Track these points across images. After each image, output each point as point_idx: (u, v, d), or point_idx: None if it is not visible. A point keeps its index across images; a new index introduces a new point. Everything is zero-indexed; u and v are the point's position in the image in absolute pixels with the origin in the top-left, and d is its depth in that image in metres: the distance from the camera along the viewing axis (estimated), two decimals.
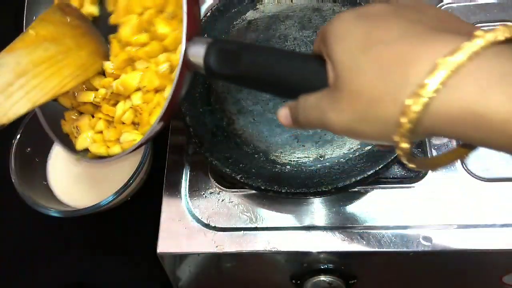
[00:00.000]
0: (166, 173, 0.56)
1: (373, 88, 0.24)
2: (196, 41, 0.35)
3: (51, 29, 0.41)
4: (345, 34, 0.26)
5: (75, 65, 0.41)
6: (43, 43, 0.40)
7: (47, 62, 0.40)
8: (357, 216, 0.51)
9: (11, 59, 0.38)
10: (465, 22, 0.25)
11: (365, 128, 0.25)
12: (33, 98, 0.38)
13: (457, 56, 0.21)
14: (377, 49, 0.24)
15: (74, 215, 0.57)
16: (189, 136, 0.52)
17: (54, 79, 0.40)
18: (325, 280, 0.52)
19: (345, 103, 0.26)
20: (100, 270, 0.62)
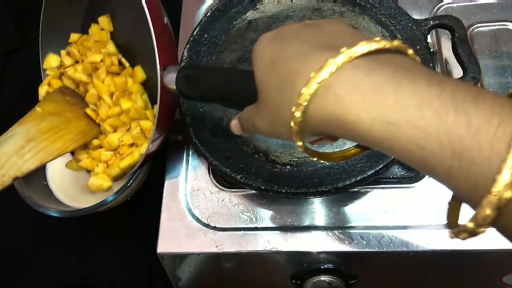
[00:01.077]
0: (166, 173, 0.56)
1: (276, 98, 0.29)
2: (169, 70, 0.43)
3: (54, 106, 0.52)
4: (261, 54, 0.31)
5: (75, 131, 0.52)
6: (48, 116, 0.50)
7: (52, 130, 0.50)
8: (357, 216, 0.51)
9: (22, 129, 0.48)
10: (359, 34, 0.29)
11: (278, 130, 0.30)
12: (41, 157, 0.48)
13: (323, 72, 0.26)
14: (278, 66, 0.29)
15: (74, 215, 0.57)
16: (189, 136, 0.52)
17: (58, 142, 0.50)
18: (325, 280, 0.52)
19: (263, 111, 0.31)
20: (100, 270, 0.62)
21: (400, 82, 0.24)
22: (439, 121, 0.23)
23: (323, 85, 0.26)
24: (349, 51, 0.26)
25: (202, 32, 0.58)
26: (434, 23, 0.54)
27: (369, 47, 0.26)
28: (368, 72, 0.25)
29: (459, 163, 0.22)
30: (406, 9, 0.56)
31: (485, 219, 0.22)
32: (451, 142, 0.22)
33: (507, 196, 0.21)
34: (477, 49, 0.60)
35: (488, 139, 0.21)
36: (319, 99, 0.26)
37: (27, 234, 0.64)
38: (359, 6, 0.58)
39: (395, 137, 0.24)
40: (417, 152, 0.24)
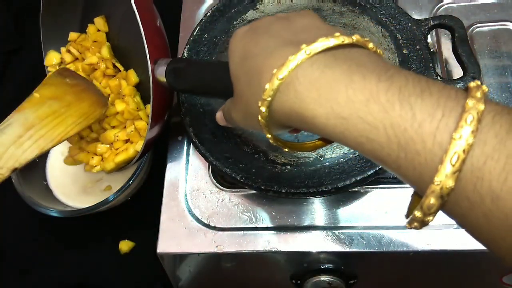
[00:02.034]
0: (166, 173, 0.56)
1: (246, 93, 0.31)
2: (159, 63, 0.44)
3: (53, 90, 0.50)
4: (234, 49, 0.32)
5: (77, 114, 0.49)
6: (47, 101, 0.48)
7: (52, 115, 0.48)
8: (357, 216, 0.51)
9: (19, 116, 0.46)
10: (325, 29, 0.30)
11: (251, 123, 0.31)
12: (41, 145, 0.46)
13: (284, 69, 0.27)
14: (247, 62, 0.30)
15: (74, 215, 0.57)
16: (189, 136, 0.52)
17: (59, 127, 0.48)
18: (325, 280, 0.52)
19: (237, 104, 0.33)
20: (100, 270, 0.62)
21: (352, 78, 0.25)
22: (385, 115, 0.24)
23: (284, 81, 0.27)
24: (308, 48, 0.27)
25: (202, 32, 0.58)
26: (434, 23, 0.54)
27: (328, 43, 0.27)
28: (324, 69, 0.26)
29: (404, 154, 0.23)
30: (406, 9, 0.56)
31: (429, 208, 0.23)
32: (397, 135, 0.23)
33: (449, 185, 0.22)
34: (477, 49, 0.60)
35: (431, 131, 0.22)
36: (281, 95, 0.27)
37: (27, 234, 0.64)
38: (359, 6, 0.57)
39: (347, 131, 0.26)
40: (368, 144, 0.25)
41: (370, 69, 0.26)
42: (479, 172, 0.22)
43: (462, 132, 0.22)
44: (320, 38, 0.27)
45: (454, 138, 0.22)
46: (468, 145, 0.21)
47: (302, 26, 0.30)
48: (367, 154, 0.26)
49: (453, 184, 0.22)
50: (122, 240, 0.61)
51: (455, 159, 0.21)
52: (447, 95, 0.23)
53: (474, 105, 0.22)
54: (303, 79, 0.27)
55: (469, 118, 0.22)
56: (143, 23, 0.44)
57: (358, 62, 0.26)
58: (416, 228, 0.25)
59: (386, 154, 0.24)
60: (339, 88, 0.25)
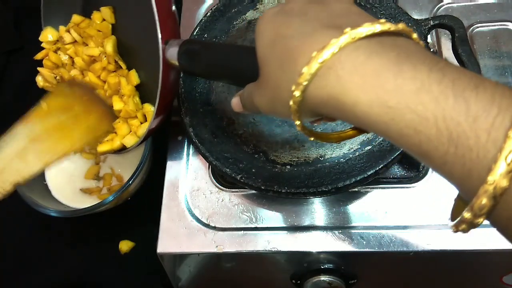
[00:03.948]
0: (166, 173, 0.56)
1: (275, 77, 0.29)
2: (171, 44, 0.42)
3: (60, 100, 0.48)
4: (263, 31, 0.30)
5: (84, 127, 0.48)
6: (54, 113, 0.47)
7: (58, 128, 0.46)
8: (357, 216, 0.51)
9: (25, 128, 0.45)
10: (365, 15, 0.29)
11: (278, 109, 0.30)
12: (45, 159, 0.44)
13: (325, 52, 0.25)
14: (279, 44, 0.29)
15: (74, 215, 0.57)
16: (189, 136, 0.52)
17: (65, 141, 0.46)
18: (325, 280, 0.52)
19: (263, 89, 0.31)
20: (100, 270, 0.62)
21: (401, 66, 0.24)
22: (437, 106, 0.23)
23: (324, 65, 0.25)
24: (352, 32, 0.25)
25: (202, 32, 0.58)
26: (434, 23, 0.54)
27: (373, 29, 0.25)
28: (370, 55, 0.25)
29: (455, 149, 0.22)
30: (406, 9, 0.56)
31: (481, 209, 0.22)
32: (448, 128, 0.22)
33: (502, 185, 0.21)
34: (477, 49, 0.60)
35: (486, 127, 0.21)
36: (320, 79, 0.26)
37: (27, 234, 0.64)
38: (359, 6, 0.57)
39: (392, 121, 0.24)
40: (414, 137, 0.24)
41: (420, 59, 0.24)
42: None
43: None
44: (366, 23, 0.25)
45: (509, 137, 0.21)
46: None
47: (339, 10, 0.29)
48: (410, 148, 0.25)
49: (507, 184, 0.21)
50: (122, 240, 0.61)
51: (510, 158, 0.21)
52: (501, 91, 0.22)
53: None
54: (346, 64, 0.25)
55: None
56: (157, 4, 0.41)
57: (406, 51, 0.25)
58: (463, 231, 0.24)
59: (434, 148, 0.23)
60: (387, 75, 0.24)
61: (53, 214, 0.56)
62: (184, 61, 0.41)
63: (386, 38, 0.26)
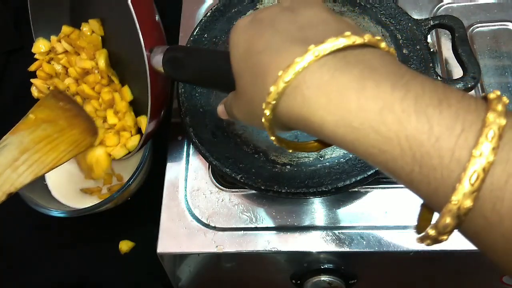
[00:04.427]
0: (166, 173, 0.56)
1: (249, 92, 0.29)
2: (155, 51, 0.42)
3: (47, 112, 0.49)
4: (236, 43, 0.30)
5: (68, 142, 0.49)
6: (41, 124, 0.48)
7: (45, 140, 0.47)
8: (357, 216, 0.51)
9: (15, 139, 0.46)
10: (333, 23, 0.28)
11: (254, 122, 0.30)
12: (35, 171, 0.46)
13: (290, 71, 0.25)
14: (251, 60, 0.28)
15: (74, 215, 0.57)
16: (189, 136, 0.52)
17: (52, 154, 0.47)
18: (325, 280, 0.52)
19: (239, 101, 0.31)
20: (100, 270, 0.62)
21: (364, 84, 0.24)
22: (400, 127, 0.22)
23: (290, 84, 0.25)
24: (316, 49, 0.25)
25: (202, 32, 0.58)
26: (434, 23, 0.54)
27: (338, 44, 0.25)
28: (334, 73, 0.25)
29: (419, 168, 0.22)
30: (406, 9, 0.56)
31: (445, 228, 0.22)
32: (412, 148, 0.22)
33: (467, 205, 0.21)
34: (477, 49, 0.60)
35: (449, 146, 0.21)
36: (287, 98, 0.26)
37: (27, 234, 0.64)
38: (359, 6, 0.58)
39: (358, 141, 0.24)
40: (380, 156, 0.24)
41: (383, 75, 0.24)
42: (500, 191, 0.20)
43: (482, 148, 0.20)
44: (329, 38, 0.25)
45: (474, 156, 0.20)
46: (489, 163, 0.20)
47: (308, 19, 0.28)
48: (378, 166, 0.25)
49: (471, 204, 0.21)
50: (122, 240, 0.61)
51: (474, 178, 0.20)
52: (466, 106, 0.22)
53: (495, 119, 0.21)
54: (311, 83, 0.25)
55: (490, 133, 0.20)
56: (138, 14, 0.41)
57: (370, 66, 0.25)
58: (428, 245, 0.24)
59: (399, 167, 0.23)
60: (350, 95, 0.24)
61: (53, 214, 0.56)
62: (168, 68, 0.41)
63: (351, 52, 0.25)
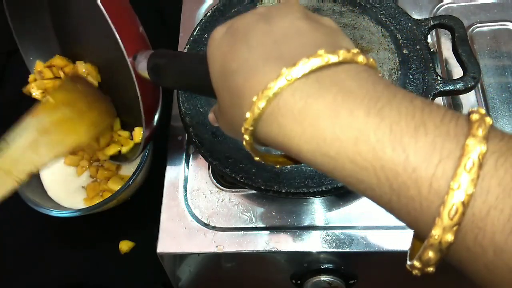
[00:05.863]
0: (166, 173, 0.56)
1: (229, 112, 0.28)
2: (138, 59, 0.41)
3: (66, 96, 0.50)
4: (213, 59, 0.29)
5: (88, 123, 0.49)
6: (61, 107, 0.48)
7: (65, 122, 0.48)
8: (357, 216, 0.51)
9: (35, 121, 0.46)
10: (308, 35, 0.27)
11: (235, 135, 0.29)
12: (56, 151, 0.46)
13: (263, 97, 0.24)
14: (227, 79, 0.27)
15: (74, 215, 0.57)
16: (189, 136, 0.52)
17: (72, 135, 0.48)
18: (325, 280, 0.52)
19: (222, 116, 0.30)
20: (100, 270, 0.62)
21: (337, 112, 0.23)
22: (375, 157, 0.22)
23: (265, 111, 0.25)
24: (288, 73, 0.24)
25: (202, 32, 0.58)
26: (434, 23, 0.54)
27: (310, 66, 0.24)
28: (307, 100, 0.24)
29: (397, 198, 0.22)
30: (406, 9, 0.56)
31: (428, 261, 0.21)
32: (388, 179, 0.22)
33: (448, 239, 0.20)
34: (477, 49, 0.60)
35: (427, 177, 0.20)
36: (264, 124, 0.25)
37: (27, 234, 0.64)
38: (359, 6, 0.58)
39: (335, 169, 0.24)
40: (358, 185, 0.23)
41: (358, 99, 0.23)
42: (481, 222, 0.20)
43: (460, 180, 0.19)
44: (302, 60, 0.24)
45: (452, 188, 0.20)
46: (468, 196, 0.19)
47: (283, 30, 0.27)
48: (359, 193, 0.24)
49: (452, 239, 0.20)
50: (122, 240, 0.61)
51: (453, 211, 0.19)
52: (445, 133, 0.21)
53: (475, 145, 0.20)
54: (285, 110, 0.24)
55: (469, 163, 0.20)
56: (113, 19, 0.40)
57: (344, 89, 0.23)
58: (417, 274, 0.24)
59: (378, 196, 0.23)
60: (324, 124, 0.23)
61: (53, 214, 0.56)
62: (153, 75, 0.40)
63: (325, 73, 0.24)
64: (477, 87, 0.53)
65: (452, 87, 0.50)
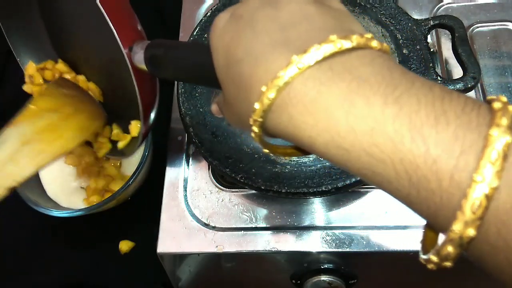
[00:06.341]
0: (166, 173, 0.56)
1: (235, 104, 0.27)
2: (134, 50, 0.39)
3: (51, 101, 0.47)
4: (216, 48, 0.28)
5: (75, 128, 0.46)
6: (44, 114, 0.45)
7: (50, 129, 0.45)
8: (357, 216, 0.51)
9: (15, 131, 0.43)
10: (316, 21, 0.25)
11: (245, 130, 0.27)
12: (38, 162, 0.43)
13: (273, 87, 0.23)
14: (232, 68, 0.26)
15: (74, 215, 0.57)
16: (189, 136, 0.52)
17: (57, 142, 0.45)
18: (325, 280, 0.52)
19: (228, 107, 0.29)
20: (100, 270, 0.62)
21: (352, 101, 0.22)
22: (393, 149, 0.21)
23: (275, 101, 0.23)
24: (299, 61, 0.23)
25: (202, 32, 0.58)
26: (434, 23, 0.54)
27: (323, 53, 0.23)
28: (320, 88, 0.22)
29: (416, 192, 0.21)
30: (406, 9, 0.56)
31: (447, 256, 0.20)
32: (407, 172, 0.20)
33: (469, 234, 0.19)
34: (477, 49, 0.60)
35: (448, 169, 0.19)
36: (274, 116, 0.24)
37: (27, 234, 0.64)
38: (359, 6, 0.58)
39: (349, 162, 0.23)
40: (374, 177, 0.22)
41: (374, 87, 0.22)
42: (505, 215, 0.19)
43: (484, 173, 0.18)
44: (313, 46, 0.23)
45: (475, 181, 0.18)
46: (492, 189, 0.18)
47: (290, 15, 0.25)
48: (374, 185, 0.23)
49: (474, 233, 0.19)
50: (122, 240, 0.61)
51: (476, 205, 0.18)
52: (467, 122, 0.20)
53: (499, 136, 0.19)
54: (296, 100, 0.23)
55: (493, 154, 0.18)
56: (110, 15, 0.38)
57: (359, 76, 0.22)
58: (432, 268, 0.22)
59: (395, 189, 0.22)
60: (338, 115, 0.22)
61: (53, 214, 0.56)
62: (151, 68, 0.39)
63: (338, 59, 0.23)
64: (477, 87, 0.53)
65: (452, 87, 0.50)
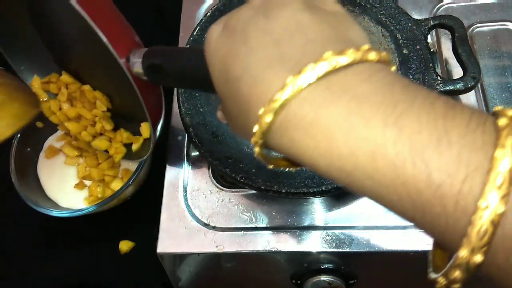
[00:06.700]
0: (166, 173, 0.56)
1: (238, 120, 0.26)
2: (132, 60, 0.39)
3: None
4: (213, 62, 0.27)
5: (10, 116, 0.46)
6: None
7: None
8: (357, 216, 0.51)
9: None
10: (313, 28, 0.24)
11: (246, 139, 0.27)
12: None
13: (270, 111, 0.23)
14: (231, 85, 0.25)
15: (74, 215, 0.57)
16: (189, 136, 0.52)
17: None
18: (325, 280, 0.52)
19: (230, 121, 0.29)
20: (100, 270, 0.61)
21: (351, 122, 0.21)
22: (395, 173, 0.20)
23: (273, 124, 0.23)
24: (295, 83, 0.22)
25: (202, 32, 0.58)
26: (434, 23, 0.54)
27: (316, 74, 0.22)
28: (318, 110, 0.22)
29: (421, 215, 0.20)
30: (406, 9, 0.56)
31: (455, 280, 0.20)
32: (411, 196, 0.20)
33: (476, 260, 0.19)
34: (477, 49, 0.60)
35: (452, 194, 0.19)
36: (274, 137, 0.24)
37: (27, 234, 0.64)
38: (359, 6, 0.58)
39: (353, 184, 0.22)
40: (378, 200, 0.22)
41: (374, 107, 0.21)
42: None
43: (489, 199, 0.18)
44: (307, 67, 0.22)
45: (480, 208, 0.18)
46: (498, 215, 0.18)
47: (283, 25, 0.25)
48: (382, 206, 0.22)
49: (481, 259, 0.18)
50: (122, 240, 0.61)
51: (482, 232, 0.18)
52: (471, 142, 0.19)
53: (505, 156, 0.18)
54: (294, 123, 0.22)
55: (498, 179, 0.18)
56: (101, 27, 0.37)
57: (358, 95, 0.21)
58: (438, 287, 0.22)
59: (400, 212, 0.21)
60: (338, 138, 0.21)
61: (54, 214, 0.56)
62: (151, 77, 0.39)
63: (334, 78, 0.22)
64: (477, 87, 0.53)
65: (452, 87, 0.50)
